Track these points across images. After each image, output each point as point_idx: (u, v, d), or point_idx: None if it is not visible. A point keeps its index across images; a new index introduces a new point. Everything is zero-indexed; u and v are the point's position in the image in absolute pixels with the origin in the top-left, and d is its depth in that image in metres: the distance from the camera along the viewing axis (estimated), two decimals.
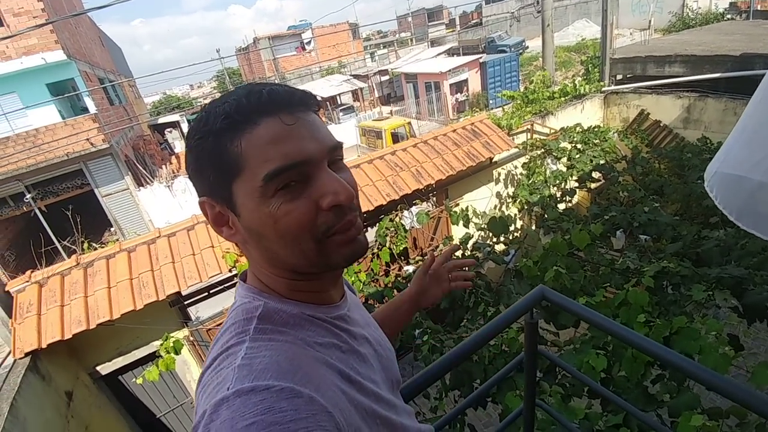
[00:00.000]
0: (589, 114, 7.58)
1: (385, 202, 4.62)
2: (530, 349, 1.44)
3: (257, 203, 0.55)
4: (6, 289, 3.82)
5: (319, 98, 0.63)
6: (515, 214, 6.18)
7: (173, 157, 19.44)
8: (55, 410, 3.49)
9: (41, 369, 3.55)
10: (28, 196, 12.73)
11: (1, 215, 12.95)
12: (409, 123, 15.22)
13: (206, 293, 4.51)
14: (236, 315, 0.61)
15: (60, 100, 13.74)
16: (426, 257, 5.20)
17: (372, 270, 4.60)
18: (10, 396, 3.02)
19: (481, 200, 5.89)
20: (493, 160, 5.89)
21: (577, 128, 6.63)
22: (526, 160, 6.22)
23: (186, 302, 4.46)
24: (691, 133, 6.77)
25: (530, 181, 6.01)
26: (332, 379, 0.57)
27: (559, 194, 5.94)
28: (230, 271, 4.09)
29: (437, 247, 5.36)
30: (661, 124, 7.08)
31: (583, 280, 3.12)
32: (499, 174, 6.19)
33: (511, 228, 4.02)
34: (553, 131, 6.75)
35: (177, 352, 3.82)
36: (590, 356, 2.29)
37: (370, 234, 4.96)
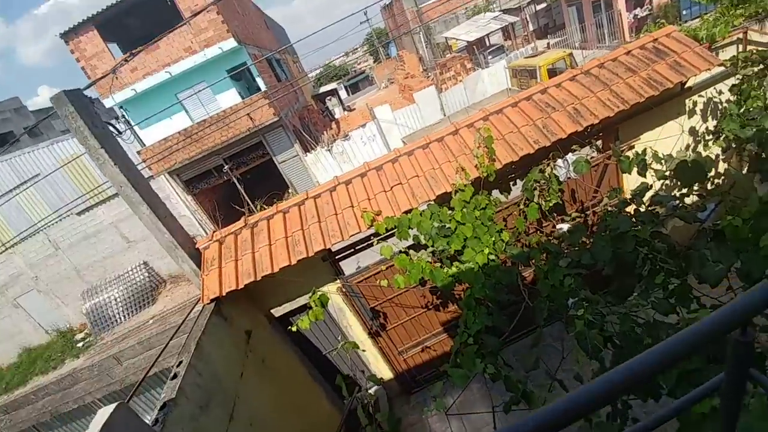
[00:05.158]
0: None
1: (532, 151, 4.04)
2: (735, 374, 0.93)
3: None
4: (197, 246, 4.70)
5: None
6: (717, 156, 4.75)
7: (333, 122, 21.35)
8: (235, 347, 4.15)
9: (224, 312, 4.24)
10: (226, 167, 16.00)
11: (209, 184, 16.77)
12: (571, 54, 13.15)
13: (352, 249, 4.86)
14: None
15: (238, 83, 16.28)
16: (587, 213, 4.48)
17: (516, 228, 4.16)
18: (197, 336, 3.60)
19: (666, 140, 4.67)
20: (686, 86, 4.55)
21: None
22: (736, 82, 4.61)
23: (336, 257, 4.88)
24: None
25: (742, 110, 4.43)
26: None
27: None
28: (369, 228, 4.22)
29: (600, 201, 4.52)
30: None
31: None
32: (695, 104, 4.77)
33: (710, 174, 3.03)
34: None
35: (323, 305, 4.16)
36: None
37: (516, 188, 4.47)
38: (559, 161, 4.15)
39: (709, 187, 3.35)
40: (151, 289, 15.99)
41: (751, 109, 4.26)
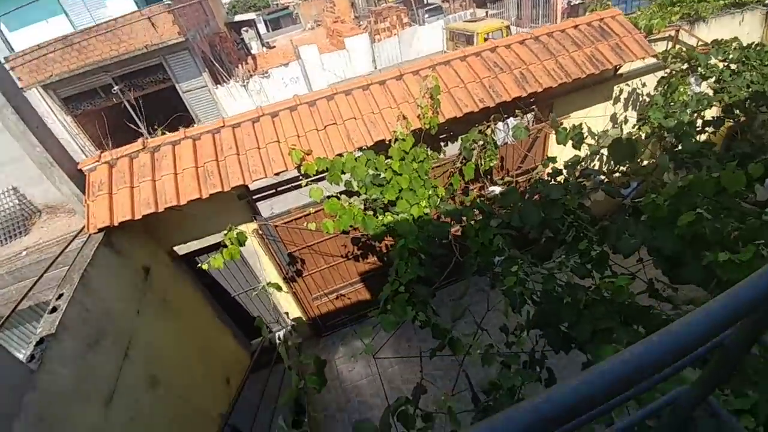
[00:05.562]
0: (749, 28, 6.03)
1: (476, 109, 4.02)
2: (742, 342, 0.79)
3: None
4: (78, 167, 3.98)
5: None
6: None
7: (249, 57, 19.54)
8: (129, 283, 3.72)
9: (116, 244, 3.73)
10: (116, 87, 13.74)
11: (95, 105, 14.30)
12: (508, 27, 13.42)
13: (273, 190, 4.50)
14: None
15: None
16: (514, 179, 4.68)
17: (452, 185, 4.19)
18: (82, 267, 3.19)
19: (591, 119, 5.02)
20: (619, 72, 4.89)
21: (734, 44, 5.24)
22: (665, 75, 5.07)
23: (254, 197, 4.52)
24: None
25: (665, 102, 4.91)
26: None
27: (699, 123, 4.86)
28: (296, 169, 3.93)
29: (534, 169, 4.74)
30: None
31: (726, 230, 2.46)
32: (621, 91, 5.18)
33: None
34: (702, 43, 5.42)
35: (241, 244, 3.84)
36: None
37: (455, 146, 4.48)
38: (500, 124, 4.21)
39: (631, 168, 3.66)
40: (22, 218, 13.56)
41: (672, 103, 4.75)
